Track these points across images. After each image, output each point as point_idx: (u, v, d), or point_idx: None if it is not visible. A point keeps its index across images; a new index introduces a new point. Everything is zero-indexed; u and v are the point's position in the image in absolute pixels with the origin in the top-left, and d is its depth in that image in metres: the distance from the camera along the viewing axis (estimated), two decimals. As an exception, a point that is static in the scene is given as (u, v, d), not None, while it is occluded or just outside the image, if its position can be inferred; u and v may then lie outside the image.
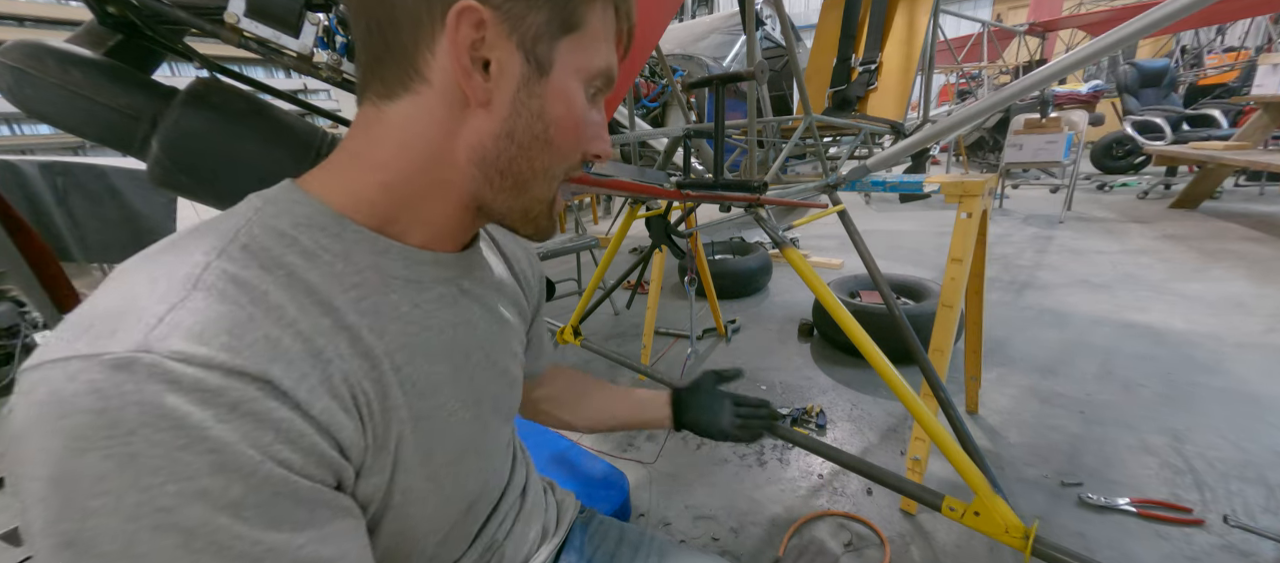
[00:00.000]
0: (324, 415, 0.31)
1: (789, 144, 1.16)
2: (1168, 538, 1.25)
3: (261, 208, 0.36)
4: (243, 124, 0.65)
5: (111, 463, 0.25)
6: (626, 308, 3.04)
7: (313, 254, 0.35)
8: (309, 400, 0.30)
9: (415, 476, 0.40)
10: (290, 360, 0.30)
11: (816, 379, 2.11)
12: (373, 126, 0.38)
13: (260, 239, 0.34)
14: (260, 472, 0.28)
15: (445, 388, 0.42)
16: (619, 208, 3.01)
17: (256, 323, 0.30)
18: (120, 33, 0.68)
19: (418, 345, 0.40)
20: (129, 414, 0.25)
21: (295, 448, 0.29)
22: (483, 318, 0.48)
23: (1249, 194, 4.83)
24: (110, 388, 0.25)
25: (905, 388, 1.05)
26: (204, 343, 0.27)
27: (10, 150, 5.12)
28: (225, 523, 0.27)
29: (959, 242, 1.28)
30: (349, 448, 0.33)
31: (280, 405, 0.29)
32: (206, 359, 0.27)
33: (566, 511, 0.68)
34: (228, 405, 0.27)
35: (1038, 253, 3.53)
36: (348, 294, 0.36)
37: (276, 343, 0.30)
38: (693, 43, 2.92)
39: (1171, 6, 0.71)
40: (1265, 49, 6.31)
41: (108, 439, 0.25)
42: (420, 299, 0.40)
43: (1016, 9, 10.00)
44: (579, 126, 0.40)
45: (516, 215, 0.42)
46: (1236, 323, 2.28)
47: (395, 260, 0.39)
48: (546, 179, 0.41)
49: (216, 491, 0.26)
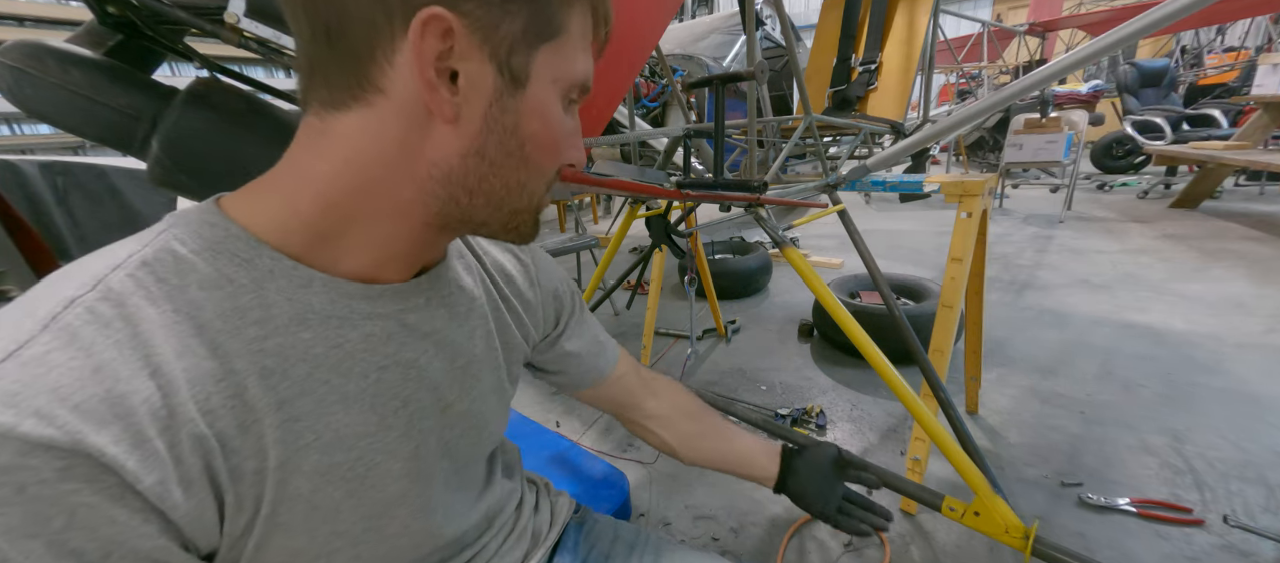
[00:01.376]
0: (154, 490, 0.27)
1: (789, 144, 1.16)
2: (1168, 538, 1.24)
3: (168, 229, 0.32)
4: (243, 124, 0.65)
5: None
6: (627, 308, 3.04)
7: (214, 285, 0.32)
8: (139, 472, 0.27)
9: (308, 537, 0.36)
10: (129, 423, 0.27)
11: (816, 379, 2.11)
12: (316, 139, 0.34)
13: (154, 267, 0.30)
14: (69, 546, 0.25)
15: (364, 440, 0.37)
16: (619, 208, 3.01)
17: (101, 376, 0.27)
18: (120, 33, 0.68)
19: (328, 391, 0.35)
20: None
21: (92, 535, 0.26)
22: (434, 356, 0.42)
23: (1249, 194, 4.83)
24: None
25: (905, 388, 1.05)
26: (13, 405, 0.24)
27: (10, 150, 5.12)
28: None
29: (959, 242, 1.28)
30: (184, 523, 0.29)
31: (83, 488, 0.25)
32: (6, 428, 0.24)
33: (559, 513, 0.66)
34: (16, 486, 0.24)
35: (1038, 253, 3.53)
36: (246, 332, 0.32)
37: (119, 401, 0.27)
38: (693, 43, 2.92)
39: (1171, 6, 0.71)
40: (1265, 49, 6.31)
41: None
42: (342, 339, 0.36)
43: (1016, 9, 10.00)
44: (557, 142, 0.37)
45: (497, 227, 0.39)
46: (1236, 323, 2.28)
47: (317, 293, 0.35)
48: (524, 194, 0.38)
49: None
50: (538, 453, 1.43)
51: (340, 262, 0.36)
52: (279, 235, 0.34)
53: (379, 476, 0.38)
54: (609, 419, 1.90)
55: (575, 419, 1.90)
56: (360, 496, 0.37)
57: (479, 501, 0.53)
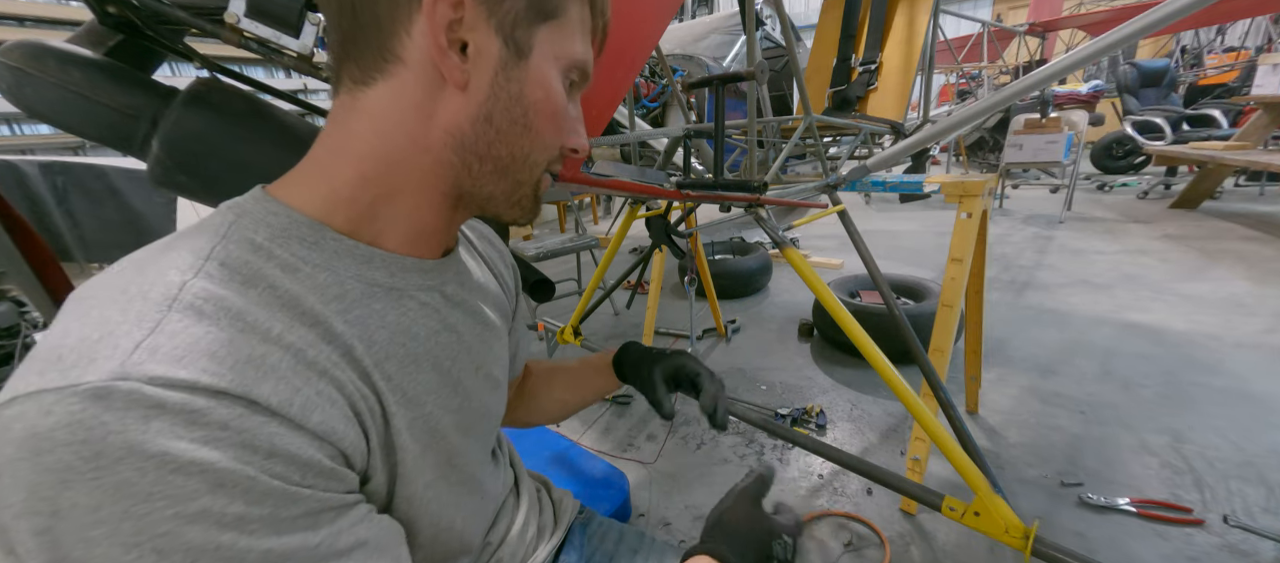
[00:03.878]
0: (322, 426, 0.31)
1: (789, 144, 1.16)
2: (1168, 538, 1.24)
3: (236, 221, 0.35)
4: (243, 124, 0.65)
5: (102, 494, 0.24)
6: (626, 308, 3.04)
7: (292, 267, 0.34)
8: (303, 414, 0.30)
9: (413, 484, 0.40)
10: (280, 377, 0.30)
11: (816, 379, 2.11)
12: (349, 117, 0.37)
13: (237, 255, 0.33)
14: (258, 486, 0.27)
15: (431, 397, 0.41)
16: (619, 208, 3.02)
17: (239, 342, 0.29)
18: (120, 33, 0.68)
19: (404, 354, 0.39)
20: (113, 443, 0.24)
21: (292, 461, 0.29)
22: (467, 325, 0.47)
23: (1249, 194, 4.83)
24: (89, 418, 0.24)
25: (905, 388, 1.05)
26: (185, 367, 0.27)
27: (10, 150, 5.11)
28: (229, 539, 0.26)
29: (959, 242, 1.28)
30: (352, 455, 0.33)
31: (269, 422, 0.28)
32: (190, 382, 0.26)
33: (564, 510, 0.67)
34: (217, 425, 0.26)
35: (1038, 253, 3.53)
36: (332, 306, 0.35)
37: (262, 361, 0.29)
38: (693, 43, 2.92)
39: (1171, 6, 0.71)
40: (1265, 49, 6.31)
41: (95, 470, 0.24)
42: (404, 307, 0.40)
43: (1016, 9, 9.99)
44: (558, 113, 0.40)
45: (500, 200, 0.41)
46: (1236, 323, 2.28)
47: (378, 269, 0.38)
48: (527, 165, 0.40)
49: (217, 509, 0.26)
50: (538, 453, 1.43)
51: (383, 237, 0.39)
52: (327, 214, 0.37)
53: (444, 429, 0.43)
54: (609, 419, 1.90)
55: (575, 419, 1.90)
56: (433, 447, 0.42)
57: (498, 468, 0.57)
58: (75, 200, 1.77)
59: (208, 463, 0.26)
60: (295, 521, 0.29)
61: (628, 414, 1.94)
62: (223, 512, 0.26)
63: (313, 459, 0.30)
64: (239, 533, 0.27)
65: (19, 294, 2.53)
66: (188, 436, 0.26)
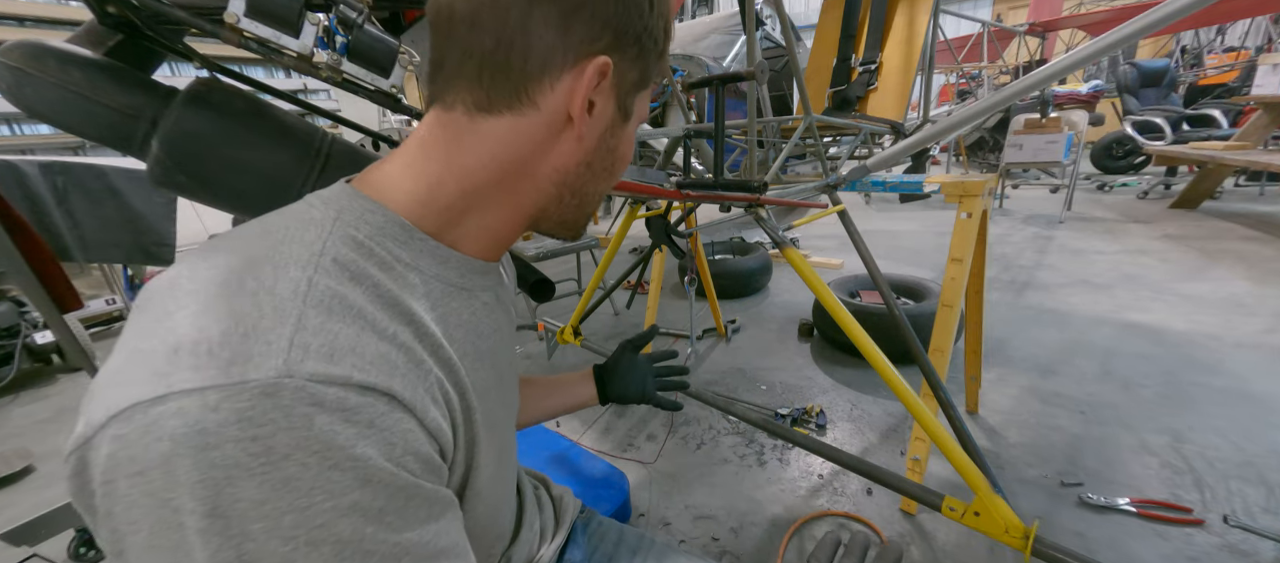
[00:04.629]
0: (432, 423, 0.33)
1: (789, 144, 1.16)
2: (1168, 538, 1.24)
3: (337, 217, 0.36)
4: (243, 124, 0.65)
5: (268, 488, 0.25)
6: (626, 308, 3.04)
7: (388, 265, 0.36)
8: (423, 411, 0.32)
9: (482, 476, 0.42)
10: (403, 373, 0.32)
11: (816, 379, 2.11)
12: (464, 135, 0.39)
13: (345, 252, 0.34)
14: (396, 482, 0.29)
15: (493, 391, 0.45)
16: (619, 208, 3.02)
17: (368, 339, 0.31)
18: (120, 33, 0.68)
19: (475, 351, 0.42)
20: (281, 440, 0.25)
21: (417, 457, 0.31)
22: (506, 321, 0.51)
23: (1249, 194, 4.83)
24: (259, 416, 0.25)
25: (905, 388, 1.05)
26: (337, 363, 0.28)
27: (10, 150, 5.11)
28: (371, 531, 0.28)
29: (959, 242, 1.28)
30: (446, 451, 0.35)
31: (404, 417, 0.30)
32: (344, 379, 0.28)
33: (566, 509, 0.68)
34: (366, 422, 0.28)
35: (1038, 253, 3.53)
36: (420, 303, 0.37)
37: (386, 357, 0.31)
38: (693, 43, 2.91)
39: (1171, 6, 0.71)
40: (1265, 49, 6.31)
41: (264, 466, 0.25)
42: (473, 306, 0.43)
43: (1016, 9, 10.00)
44: (624, 165, 0.47)
45: (568, 224, 0.47)
46: (1236, 323, 2.28)
47: (453, 269, 0.41)
48: (598, 198, 0.47)
49: (365, 503, 0.27)
50: (538, 452, 1.43)
51: (462, 242, 0.42)
52: (418, 217, 0.39)
53: (500, 421, 0.46)
54: (609, 418, 1.90)
55: (575, 419, 1.90)
56: (494, 440, 0.44)
57: None
58: (75, 200, 1.77)
59: (361, 459, 0.27)
60: (418, 514, 0.31)
61: (628, 414, 1.94)
62: (369, 505, 0.28)
63: (429, 455, 0.32)
64: (379, 526, 0.28)
65: (19, 294, 2.54)
66: (344, 432, 0.27)
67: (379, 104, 0.73)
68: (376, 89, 0.68)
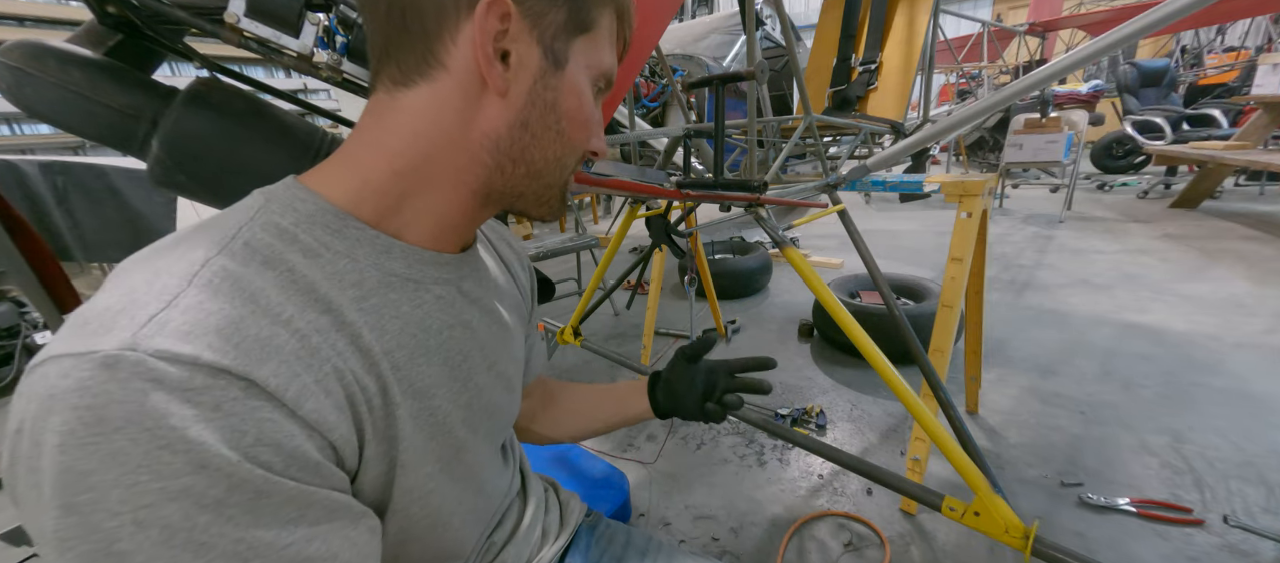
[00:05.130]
0: (313, 415, 0.31)
1: (789, 144, 1.16)
2: (1168, 538, 1.24)
3: (264, 205, 0.36)
4: (243, 124, 0.65)
5: (96, 459, 0.25)
6: (626, 308, 3.04)
7: (314, 252, 0.35)
8: (298, 400, 0.30)
9: (414, 475, 0.40)
10: (282, 359, 0.30)
11: (816, 379, 2.11)
12: (386, 114, 0.38)
13: (262, 237, 0.34)
14: (240, 473, 0.27)
15: (440, 390, 0.42)
16: (619, 208, 3.01)
17: (249, 321, 0.30)
18: (120, 33, 0.68)
19: (416, 345, 0.39)
20: (113, 412, 0.25)
21: (277, 450, 0.29)
22: (482, 321, 0.47)
23: (1249, 194, 4.83)
24: (96, 385, 0.25)
25: (905, 388, 1.04)
26: (190, 341, 0.27)
27: (10, 150, 5.12)
28: (205, 521, 0.26)
29: (959, 242, 1.28)
30: (341, 447, 0.33)
31: (264, 405, 0.29)
32: (192, 358, 0.27)
33: (571, 513, 0.67)
34: (210, 405, 0.27)
35: (1038, 253, 3.53)
36: (348, 292, 0.36)
37: (267, 342, 0.30)
38: (693, 43, 2.92)
39: (1171, 6, 0.71)
40: (1265, 49, 6.31)
41: (95, 436, 0.25)
42: (420, 299, 0.40)
43: (1016, 9, 9.99)
44: (588, 121, 0.42)
45: (530, 200, 0.43)
46: (1236, 323, 2.28)
47: (397, 260, 0.39)
48: (558, 167, 0.42)
49: (198, 490, 0.26)
50: (539, 452, 1.43)
51: (406, 231, 0.40)
52: (355, 205, 0.38)
53: (451, 422, 0.43)
54: (609, 419, 1.90)
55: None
56: (438, 439, 0.42)
57: (505, 468, 0.57)
58: (75, 200, 1.77)
59: (196, 443, 0.26)
60: (276, 513, 0.29)
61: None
62: (203, 493, 0.26)
63: (299, 449, 0.30)
64: (217, 517, 0.27)
65: (19, 294, 2.53)
66: (180, 412, 0.26)
67: (379, 104, 0.73)
68: (376, 89, 0.68)
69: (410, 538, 0.42)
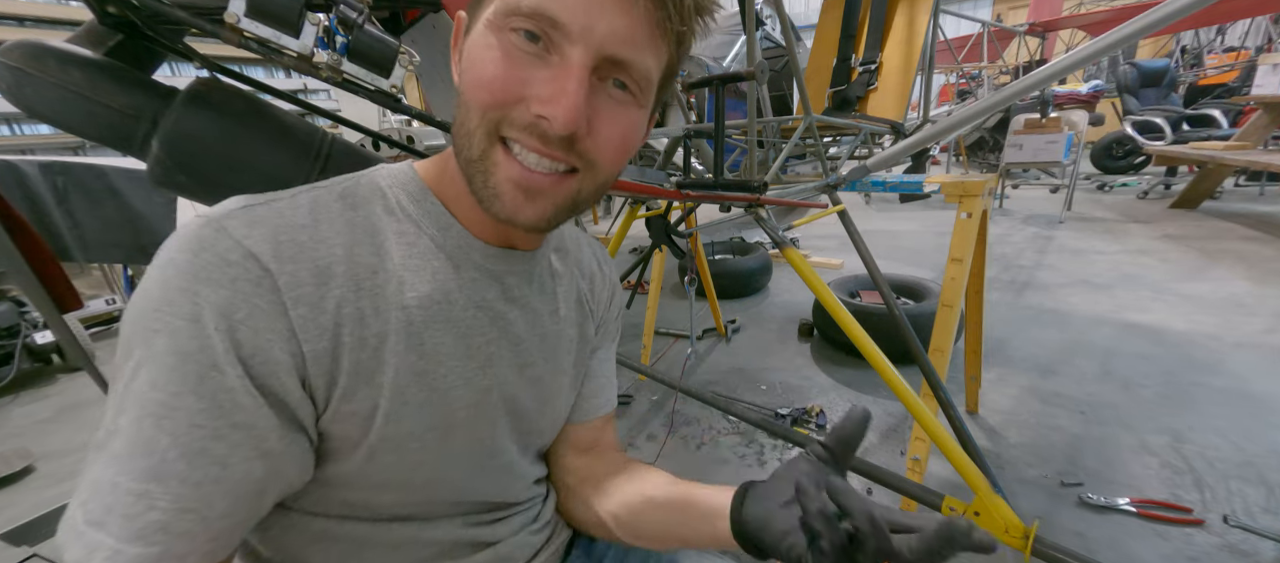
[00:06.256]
0: (303, 320, 0.36)
1: (789, 144, 1.16)
2: (1168, 538, 1.24)
3: (380, 168, 0.46)
4: (243, 124, 0.65)
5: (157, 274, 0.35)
6: (627, 308, 3.03)
7: (392, 210, 0.43)
8: (296, 302, 0.36)
9: (396, 427, 0.41)
10: (302, 266, 0.37)
11: (816, 379, 2.11)
12: None
13: (365, 187, 0.43)
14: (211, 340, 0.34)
15: (450, 360, 0.44)
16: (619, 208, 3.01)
17: (297, 233, 0.38)
18: (120, 33, 0.68)
19: (437, 310, 0.43)
20: (181, 254, 0.35)
21: (254, 336, 0.35)
22: (520, 320, 0.49)
23: (1249, 194, 4.83)
24: (188, 232, 0.36)
25: (905, 388, 1.05)
26: (250, 228, 0.36)
27: (10, 150, 5.12)
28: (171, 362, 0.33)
29: (959, 242, 1.28)
30: (314, 358, 0.37)
31: (267, 294, 0.35)
32: (240, 237, 0.36)
33: None
34: (229, 277, 0.34)
35: (1038, 253, 3.53)
36: (402, 248, 0.42)
37: (302, 251, 0.37)
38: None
39: (1171, 6, 0.71)
40: (1265, 49, 6.31)
41: (165, 260, 0.35)
42: (457, 276, 0.44)
43: (1016, 9, 9.99)
44: (489, 77, 0.36)
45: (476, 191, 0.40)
46: (1236, 323, 2.28)
47: (450, 237, 0.44)
48: (467, 139, 0.38)
49: (181, 334, 0.33)
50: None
51: (462, 215, 0.45)
52: (437, 184, 0.45)
53: (453, 395, 0.44)
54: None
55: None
56: (433, 405, 0.43)
57: (530, 469, 0.56)
58: (75, 200, 1.76)
59: (202, 297, 0.34)
60: (210, 390, 0.33)
61: (627, 414, 1.94)
62: (181, 339, 0.33)
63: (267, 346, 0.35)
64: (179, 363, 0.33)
65: (19, 294, 2.53)
66: (210, 273, 0.34)
67: (379, 104, 0.73)
68: (376, 89, 0.68)
69: (385, 485, 0.44)
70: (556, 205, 0.40)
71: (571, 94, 0.35)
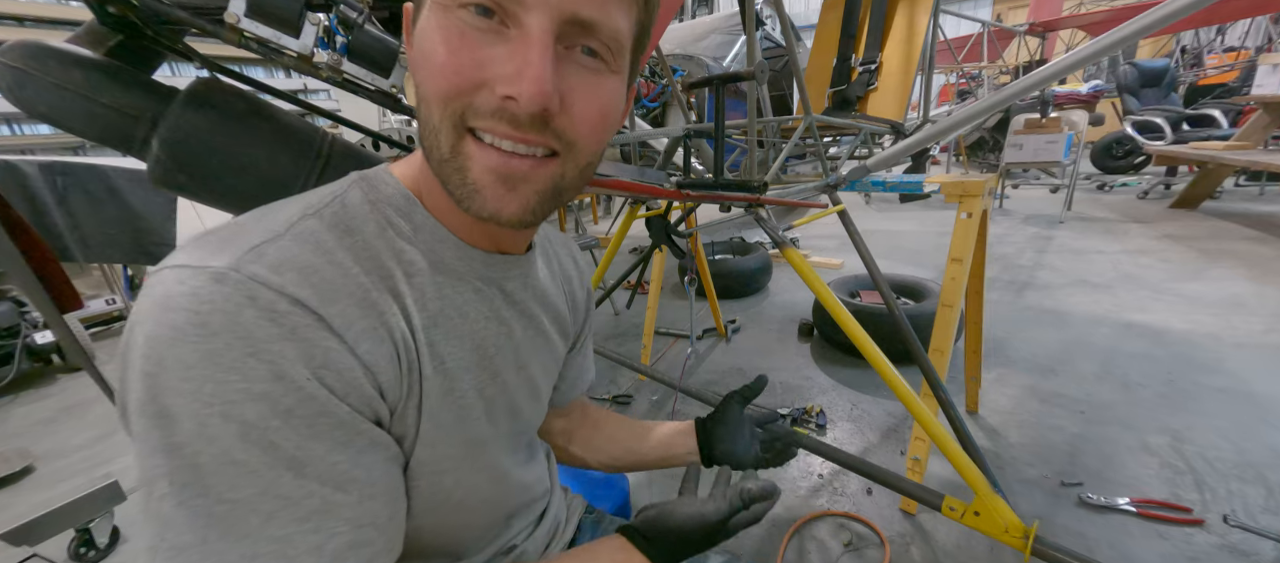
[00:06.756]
0: (368, 356, 0.34)
1: (789, 144, 1.16)
2: (1168, 538, 1.25)
3: (358, 181, 0.41)
4: (243, 124, 0.65)
5: (197, 356, 0.29)
6: (627, 308, 3.04)
7: (384, 228, 0.39)
8: (356, 340, 0.34)
9: (432, 450, 0.41)
10: (345, 305, 0.34)
11: (816, 379, 2.11)
12: None
13: (350, 208, 0.39)
14: (308, 388, 0.31)
15: (465, 375, 0.43)
16: (619, 208, 3.00)
17: (324, 269, 0.34)
18: (120, 33, 0.68)
19: (450, 328, 0.42)
20: (216, 319, 0.29)
21: (339, 377, 0.33)
22: (520, 325, 0.49)
23: (1249, 194, 4.83)
24: (206, 294, 0.30)
25: (905, 388, 1.05)
26: (280, 274, 0.32)
27: (10, 150, 5.12)
28: (277, 425, 0.30)
29: (959, 242, 1.28)
30: (387, 389, 0.36)
31: (329, 337, 0.32)
32: (279, 287, 0.31)
33: (573, 510, 0.68)
34: (289, 329, 0.31)
35: (1038, 253, 3.53)
36: (402, 268, 0.39)
37: (336, 286, 0.34)
38: (693, 43, 2.91)
39: (1171, 6, 0.71)
40: (1265, 49, 6.30)
41: (200, 336, 0.29)
42: (460, 287, 0.43)
43: (1016, 9, 9.98)
44: (442, 64, 0.33)
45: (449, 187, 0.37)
46: (1236, 323, 2.28)
47: (448, 249, 0.42)
48: (434, 136, 0.35)
49: (275, 396, 0.30)
50: (538, 453, 1.43)
51: (446, 219, 0.42)
52: (417, 189, 0.42)
53: (473, 411, 0.44)
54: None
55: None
56: (461, 424, 0.43)
57: (528, 467, 0.57)
58: (75, 200, 1.77)
59: (278, 355, 0.30)
60: (328, 431, 0.32)
61: (628, 414, 1.94)
62: (279, 400, 0.30)
63: (356, 381, 0.34)
64: (284, 422, 0.30)
65: (19, 294, 2.53)
66: (267, 329, 0.30)
67: (379, 104, 0.73)
68: (376, 89, 0.69)
69: (415, 512, 0.42)
70: (539, 194, 0.37)
71: (536, 64, 0.32)
